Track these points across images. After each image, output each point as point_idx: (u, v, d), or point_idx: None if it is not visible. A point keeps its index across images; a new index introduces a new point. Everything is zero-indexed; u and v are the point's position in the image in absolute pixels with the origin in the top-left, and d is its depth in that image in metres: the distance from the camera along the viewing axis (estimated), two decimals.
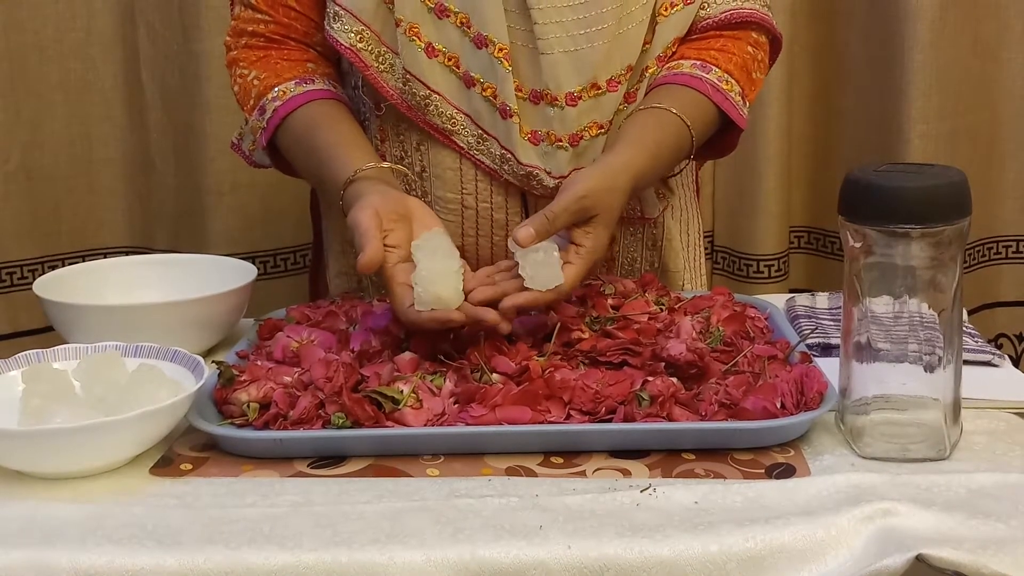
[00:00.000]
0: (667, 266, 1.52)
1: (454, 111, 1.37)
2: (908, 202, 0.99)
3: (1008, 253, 2.38)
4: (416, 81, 1.35)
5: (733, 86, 1.40)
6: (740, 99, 1.40)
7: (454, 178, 1.39)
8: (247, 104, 1.43)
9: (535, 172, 1.36)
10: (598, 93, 1.36)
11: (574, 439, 1.05)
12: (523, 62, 1.34)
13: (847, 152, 2.32)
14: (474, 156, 1.38)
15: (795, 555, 0.89)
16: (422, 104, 1.36)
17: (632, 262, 1.50)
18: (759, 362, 1.14)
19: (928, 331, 1.02)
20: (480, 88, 1.35)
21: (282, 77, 1.41)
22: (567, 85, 1.35)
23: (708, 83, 1.38)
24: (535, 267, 1.18)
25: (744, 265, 2.38)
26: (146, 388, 1.07)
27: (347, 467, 1.04)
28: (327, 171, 1.33)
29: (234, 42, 1.46)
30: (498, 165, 1.37)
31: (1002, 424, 1.10)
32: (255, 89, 1.41)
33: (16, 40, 2.16)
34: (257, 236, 2.27)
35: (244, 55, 1.44)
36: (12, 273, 2.24)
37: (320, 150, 1.35)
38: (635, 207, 1.45)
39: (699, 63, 1.40)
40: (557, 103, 1.35)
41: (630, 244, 1.49)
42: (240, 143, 1.54)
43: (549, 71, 1.34)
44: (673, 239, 1.52)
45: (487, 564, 0.88)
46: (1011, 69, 2.29)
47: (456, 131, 1.37)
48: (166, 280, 1.44)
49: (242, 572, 0.87)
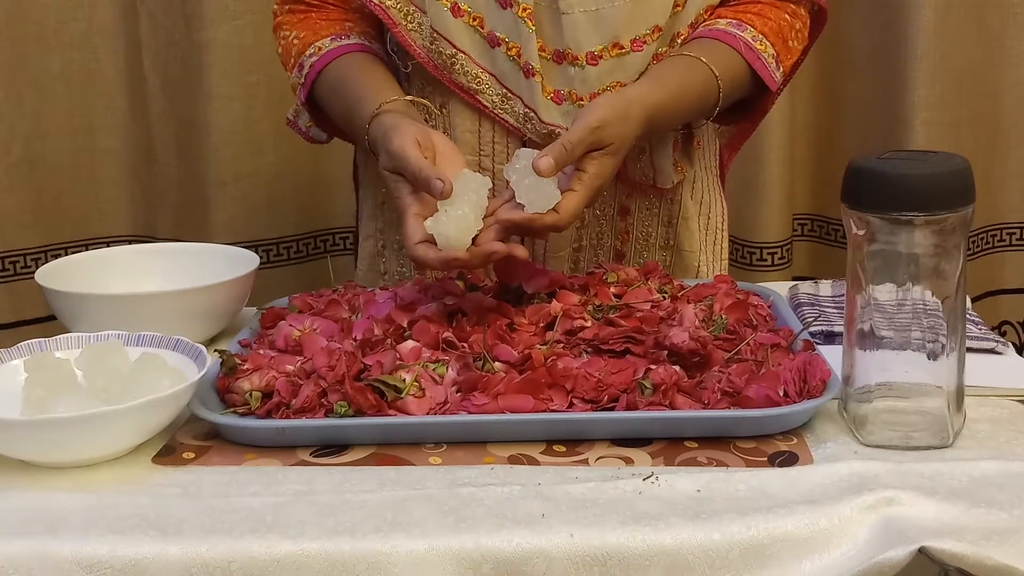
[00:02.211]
0: (681, 245, 1.53)
1: (479, 70, 1.39)
2: (912, 190, 0.98)
3: (1012, 240, 2.38)
4: (443, 40, 1.38)
5: (767, 47, 1.41)
6: (773, 62, 1.41)
7: (472, 140, 1.42)
8: (288, 64, 1.47)
9: (557, 131, 1.37)
10: (621, 53, 1.38)
11: (577, 427, 1.05)
12: (546, 22, 1.37)
13: (850, 140, 2.31)
14: (498, 115, 1.40)
15: (798, 544, 0.89)
16: (448, 63, 1.39)
17: (647, 237, 1.51)
18: (762, 350, 1.14)
19: (931, 319, 1.01)
20: (505, 48, 1.38)
21: (319, 35, 1.45)
22: (587, 45, 1.37)
23: (742, 40, 1.40)
24: (530, 192, 1.19)
25: (747, 253, 2.37)
26: (148, 377, 1.07)
27: (349, 456, 1.04)
28: (356, 114, 1.35)
29: (279, 8, 1.51)
30: (521, 124, 1.40)
31: (1005, 412, 1.10)
32: (295, 48, 1.45)
33: (18, 30, 2.16)
34: (260, 225, 2.27)
35: (287, 19, 1.49)
36: (15, 262, 2.24)
37: (351, 95, 1.37)
38: (648, 174, 1.46)
39: (735, 22, 1.42)
40: (578, 62, 1.37)
41: (645, 218, 1.50)
42: (296, 120, 1.56)
43: (570, 31, 1.36)
44: (690, 219, 1.53)
45: (489, 553, 0.88)
46: (1015, 57, 2.28)
47: (481, 90, 1.40)
48: (168, 269, 1.44)
49: (245, 561, 0.88)
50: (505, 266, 1.30)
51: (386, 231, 1.52)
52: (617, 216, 1.48)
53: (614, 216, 1.48)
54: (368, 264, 1.54)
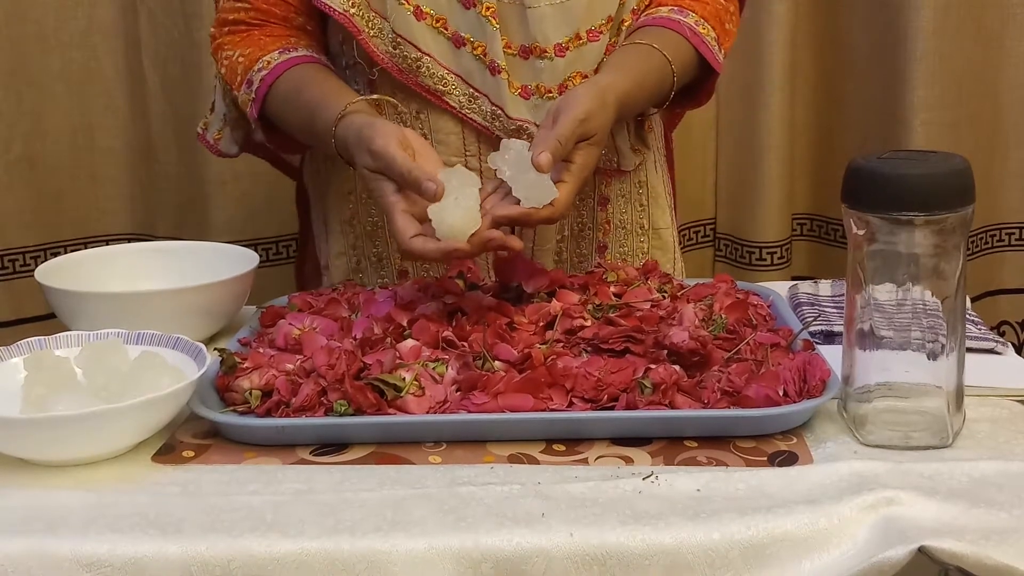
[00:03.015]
0: (656, 223, 1.56)
1: (444, 72, 1.40)
2: (911, 190, 0.98)
3: (1011, 240, 2.38)
4: (407, 44, 1.38)
5: (709, 31, 1.44)
6: (716, 44, 1.44)
7: (457, 142, 1.42)
8: (235, 82, 1.44)
9: (525, 126, 1.39)
10: (580, 44, 1.40)
11: (576, 427, 1.05)
12: (511, 19, 1.38)
13: (850, 140, 2.31)
14: (466, 115, 1.41)
15: (798, 543, 0.89)
16: (413, 66, 1.39)
17: (624, 224, 1.53)
18: (762, 350, 1.14)
19: (931, 319, 1.01)
20: (470, 47, 1.38)
21: (266, 50, 1.43)
22: (555, 37, 1.39)
23: (686, 26, 1.42)
24: (529, 188, 1.19)
25: (747, 252, 2.37)
26: (148, 375, 1.07)
27: (349, 455, 1.04)
28: (319, 120, 1.34)
29: (218, 31, 1.49)
30: (489, 122, 1.40)
31: (1005, 412, 1.10)
32: (240, 66, 1.43)
33: (17, 30, 2.16)
34: (259, 224, 2.27)
35: (227, 40, 1.47)
36: (15, 260, 2.24)
37: (309, 103, 1.36)
38: (612, 159, 1.48)
39: (676, 8, 1.45)
40: (547, 55, 1.39)
41: (623, 207, 1.52)
42: (205, 133, 1.56)
43: (536, 24, 1.38)
44: (659, 196, 1.56)
45: (489, 552, 0.88)
46: (1014, 57, 2.28)
47: (448, 91, 1.40)
48: (168, 268, 1.44)
49: (244, 560, 0.88)
50: (505, 265, 1.30)
51: (359, 246, 1.50)
52: (598, 207, 1.50)
53: (595, 207, 1.50)
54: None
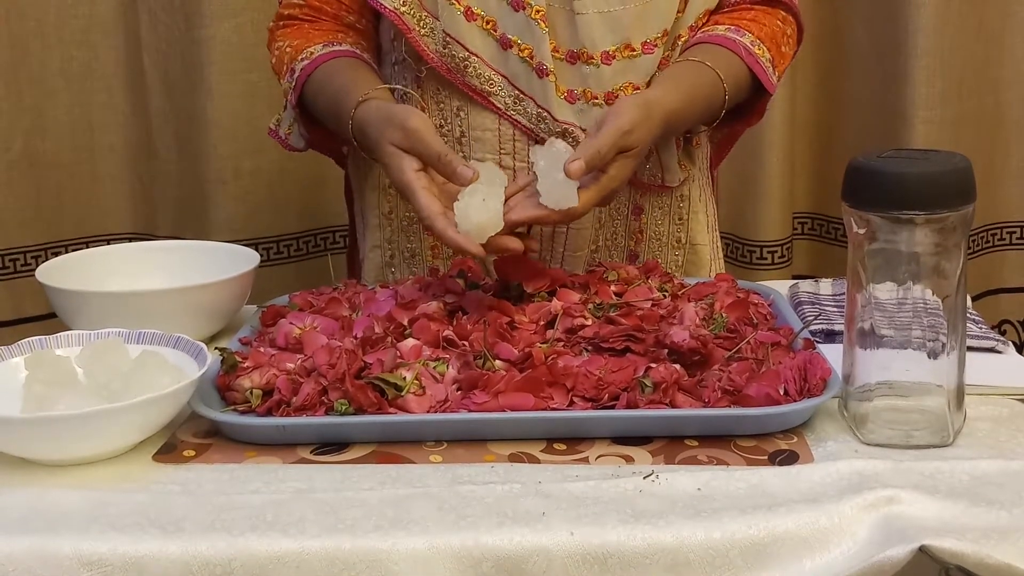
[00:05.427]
0: (694, 240, 1.56)
1: (492, 72, 1.41)
2: (912, 188, 0.98)
3: (1012, 239, 2.38)
4: (455, 43, 1.40)
5: (764, 52, 1.44)
6: (770, 66, 1.45)
7: (493, 139, 1.43)
8: (282, 71, 1.49)
9: (570, 129, 1.40)
10: (632, 55, 1.41)
11: (577, 426, 1.05)
12: (559, 23, 1.39)
13: (850, 138, 2.31)
14: (511, 116, 1.42)
15: (798, 542, 0.89)
16: (461, 66, 1.41)
17: (659, 236, 1.53)
18: (762, 349, 1.14)
19: (932, 317, 1.01)
20: (517, 50, 1.39)
21: (312, 42, 1.47)
22: (602, 44, 1.40)
23: (741, 45, 1.43)
24: (553, 187, 1.20)
25: (747, 251, 2.37)
26: (149, 375, 1.07)
27: (350, 454, 1.04)
28: (342, 104, 1.37)
29: (275, 25, 1.54)
30: (534, 124, 1.41)
31: (1005, 411, 1.10)
32: (287, 56, 1.48)
33: (18, 27, 2.16)
34: (260, 223, 2.27)
35: (281, 32, 1.52)
36: (15, 259, 2.24)
37: (337, 89, 1.39)
38: (656, 173, 1.49)
39: (733, 27, 1.45)
40: (593, 61, 1.40)
41: (658, 217, 1.52)
42: (277, 128, 1.58)
43: (584, 30, 1.39)
44: (699, 212, 1.55)
45: (490, 551, 0.88)
46: (1015, 55, 2.28)
47: (494, 92, 1.42)
48: (169, 267, 1.44)
49: (245, 559, 0.88)
50: (505, 265, 1.30)
51: (395, 240, 1.53)
52: (631, 216, 1.50)
53: (628, 216, 1.50)
54: (375, 276, 1.54)
